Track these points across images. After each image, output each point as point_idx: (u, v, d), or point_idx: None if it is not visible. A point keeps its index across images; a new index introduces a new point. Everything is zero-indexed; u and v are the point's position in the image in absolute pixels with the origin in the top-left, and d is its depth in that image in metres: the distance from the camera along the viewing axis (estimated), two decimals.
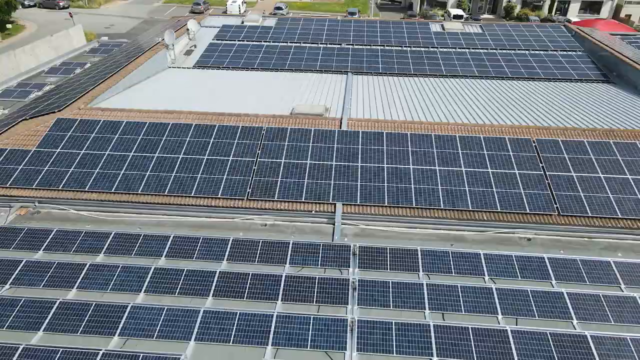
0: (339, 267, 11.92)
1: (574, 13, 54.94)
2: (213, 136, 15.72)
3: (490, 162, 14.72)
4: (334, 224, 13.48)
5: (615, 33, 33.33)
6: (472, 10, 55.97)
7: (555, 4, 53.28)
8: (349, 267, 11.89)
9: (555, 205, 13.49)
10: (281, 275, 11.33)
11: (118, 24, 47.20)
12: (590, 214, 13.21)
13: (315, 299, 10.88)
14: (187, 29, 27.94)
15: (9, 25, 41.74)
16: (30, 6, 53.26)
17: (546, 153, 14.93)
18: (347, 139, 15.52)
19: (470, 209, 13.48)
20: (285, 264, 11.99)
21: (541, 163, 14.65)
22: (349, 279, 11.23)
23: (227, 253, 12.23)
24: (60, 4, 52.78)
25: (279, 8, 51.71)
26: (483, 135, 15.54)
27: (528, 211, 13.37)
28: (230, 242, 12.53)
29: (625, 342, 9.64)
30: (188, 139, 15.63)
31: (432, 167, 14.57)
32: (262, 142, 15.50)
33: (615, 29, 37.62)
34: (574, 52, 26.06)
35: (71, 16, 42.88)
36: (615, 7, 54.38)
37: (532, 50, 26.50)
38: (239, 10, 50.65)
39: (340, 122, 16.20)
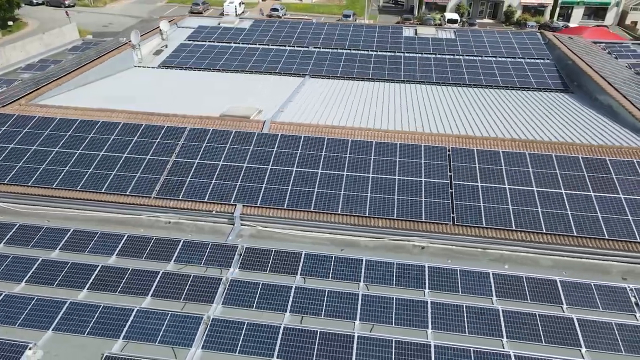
0: (221, 267, 12.23)
1: (577, 19, 53.65)
2: (137, 135, 16.23)
3: (399, 169, 14.76)
4: (233, 224, 13.81)
5: (599, 41, 32.58)
6: (473, 14, 55.30)
7: (557, 9, 52.13)
8: (230, 267, 12.19)
9: (451, 215, 13.46)
10: (158, 272, 11.71)
11: (117, 23, 48.61)
12: (484, 225, 13.13)
13: (183, 297, 11.22)
14: (160, 30, 28.65)
15: (10, 23, 43.55)
16: (38, 4, 55.37)
17: (457, 162, 14.87)
18: (264, 141, 15.79)
19: (367, 215, 13.58)
20: (170, 261, 12.37)
21: (450, 172, 14.62)
22: (221, 278, 11.52)
23: (118, 248, 12.69)
24: (66, 2, 54.61)
25: (275, 9, 52.24)
26: (400, 142, 15.58)
27: (423, 219, 13.40)
28: (125, 238, 12.98)
29: (467, 354, 9.64)
30: (113, 136, 16.19)
31: (340, 172, 14.72)
32: (183, 142, 15.92)
33: (603, 36, 36.65)
34: (541, 60, 25.66)
35: (68, 15, 44.46)
36: (620, 13, 52.86)
37: (499, 57, 26.20)
38: (236, 11, 51.38)
39: (263, 125, 16.48)
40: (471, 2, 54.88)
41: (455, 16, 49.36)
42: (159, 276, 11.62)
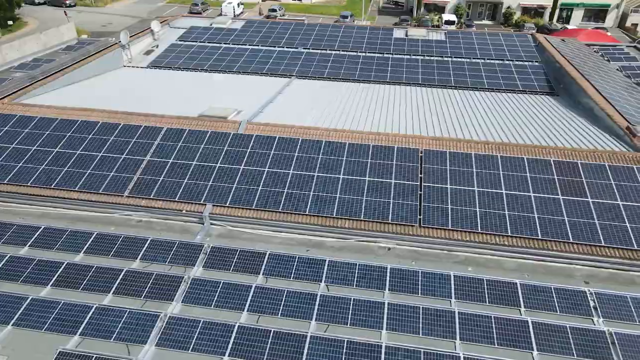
0: (185, 265, 12.36)
1: (577, 21, 53.30)
2: (115, 134, 16.41)
3: (370, 170, 14.81)
4: (203, 224, 13.95)
5: (593, 43, 32.38)
6: (472, 16, 55.12)
7: (557, 11, 51.82)
8: (194, 266, 12.31)
9: (418, 217, 13.50)
10: (122, 270, 11.87)
11: (116, 23, 49.05)
12: (450, 227, 13.16)
13: (144, 294, 11.36)
14: (151, 30, 28.89)
15: (10, 22, 44.12)
16: (39, 3, 55.98)
17: (429, 164, 14.89)
18: (238, 142, 15.91)
19: (334, 215, 13.65)
20: (136, 259, 12.52)
21: (420, 174, 14.65)
22: (183, 277, 11.65)
23: (86, 246, 12.86)
24: (67, 2, 55.19)
25: (273, 10, 52.40)
26: (373, 143, 15.63)
27: (390, 221, 13.44)
28: (94, 236, 13.16)
29: (417, 355, 9.69)
30: (91, 136, 16.38)
31: (311, 173, 14.79)
32: (159, 142, 16.08)
33: (598, 39, 36.36)
34: (529, 63, 25.55)
35: (66, 14, 44.92)
36: (621, 15, 52.45)
37: (488, 59, 26.14)
38: (234, 12, 51.59)
39: (239, 126, 16.60)
40: (470, 3, 54.71)
41: (453, 17, 49.24)
42: (122, 274, 11.77)
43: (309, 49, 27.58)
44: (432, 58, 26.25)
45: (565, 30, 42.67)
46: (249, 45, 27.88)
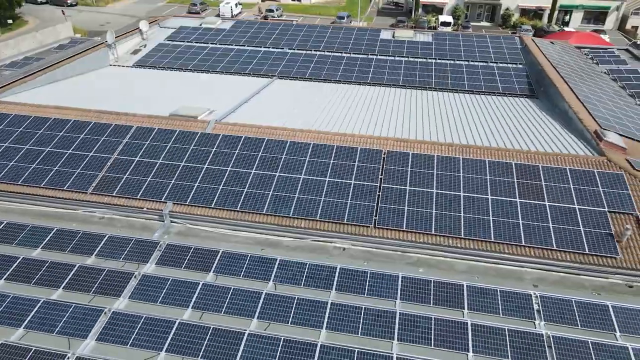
0: (138, 262, 12.54)
1: (576, 23, 52.85)
2: (85, 132, 16.67)
3: (331, 171, 14.90)
4: (163, 221, 14.14)
5: (583, 46, 32.13)
6: (470, 17, 54.87)
7: (556, 13, 51.41)
8: (148, 262, 12.50)
9: (374, 218, 13.56)
10: (75, 265, 12.08)
11: (114, 22, 49.62)
12: (404, 228, 13.21)
13: (93, 290, 11.56)
14: (140, 29, 29.22)
15: (10, 21, 44.84)
16: (41, 3, 56.75)
17: (390, 165, 14.94)
18: (205, 141, 16.08)
19: (290, 215, 13.76)
20: (92, 255, 12.73)
21: (381, 175, 14.70)
22: (133, 273, 11.83)
23: (44, 242, 13.10)
24: (68, 1, 55.95)
25: (270, 10, 52.62)
26: (337, 145, 15.71)
27: (345, 221, 13.52)
28: (54, 232, 13.40)
29: (351, 355, 9.76)
30: (62, 133, 16.66)
31: (273, 173, 14.92)
32: (127, 140, 16.31)
33: (590, 41, 36.07)
34: (513, 65, 25.47)
35: (64, 13, 45.52)
36: (621, 18, 51.92)
37: (472, 61, 26.06)
38: (231, 12, 51.89)
39: (207, 125, 16.77)
40: (468, 4, 54.48)
41: (450, 19, 49.11)
42: (74, 269, 11.98)
43: (294, 49, 27.69)
44: (416, 60, 26.25)
45: (559, 33, 42.37)
46: (236, 45, 28.06)
